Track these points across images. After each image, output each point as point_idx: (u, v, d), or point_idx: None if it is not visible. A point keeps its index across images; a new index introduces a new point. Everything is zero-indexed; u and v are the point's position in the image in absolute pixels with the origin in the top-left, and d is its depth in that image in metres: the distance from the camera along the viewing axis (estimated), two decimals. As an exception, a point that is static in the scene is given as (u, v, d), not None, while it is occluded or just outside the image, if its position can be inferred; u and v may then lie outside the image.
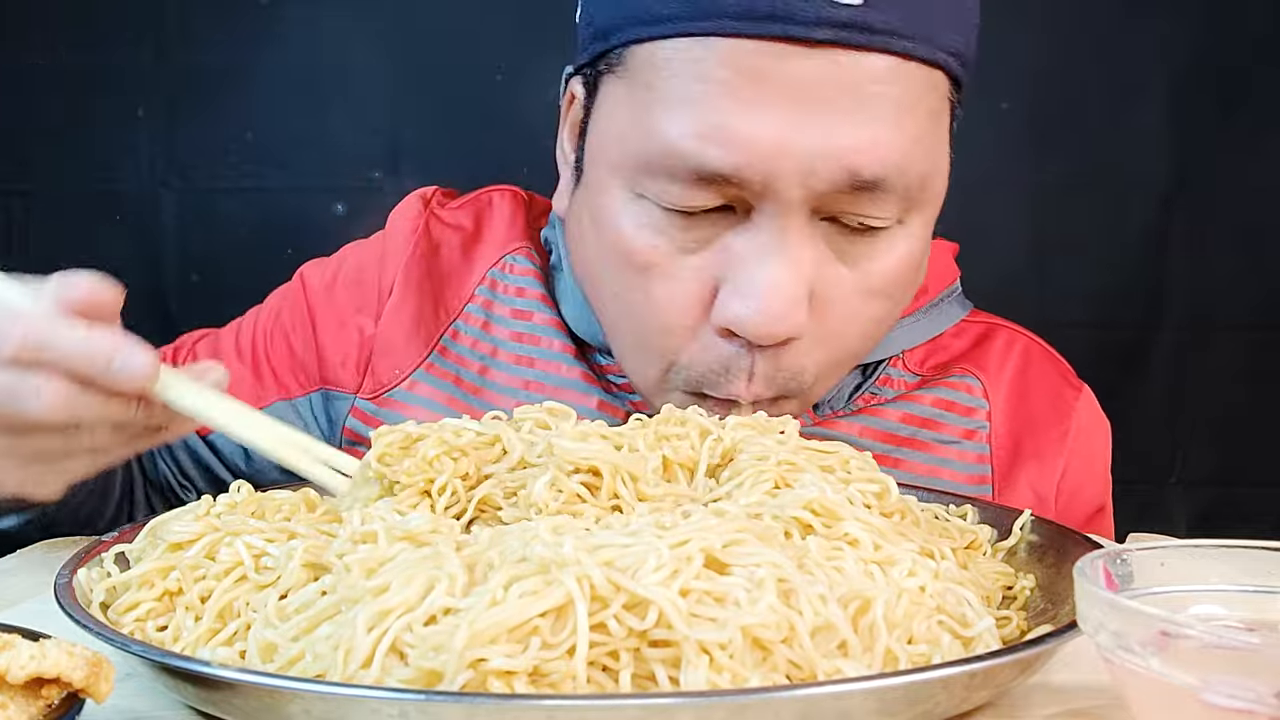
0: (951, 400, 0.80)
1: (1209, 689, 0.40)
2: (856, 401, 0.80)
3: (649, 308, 0.68)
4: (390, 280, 0.85)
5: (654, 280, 0.67)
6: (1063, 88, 1.27)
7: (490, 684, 0.42)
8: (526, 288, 0.83)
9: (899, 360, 0.81)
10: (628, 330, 0.71)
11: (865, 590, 0.49)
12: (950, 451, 0.80)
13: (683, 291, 0.67)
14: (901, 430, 0.79)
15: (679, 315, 0.68)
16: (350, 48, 1.24)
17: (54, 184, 1.23)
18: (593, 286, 0.74)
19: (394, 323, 0.84)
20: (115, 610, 0.56)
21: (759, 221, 0.65)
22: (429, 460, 0.61)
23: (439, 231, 0.86)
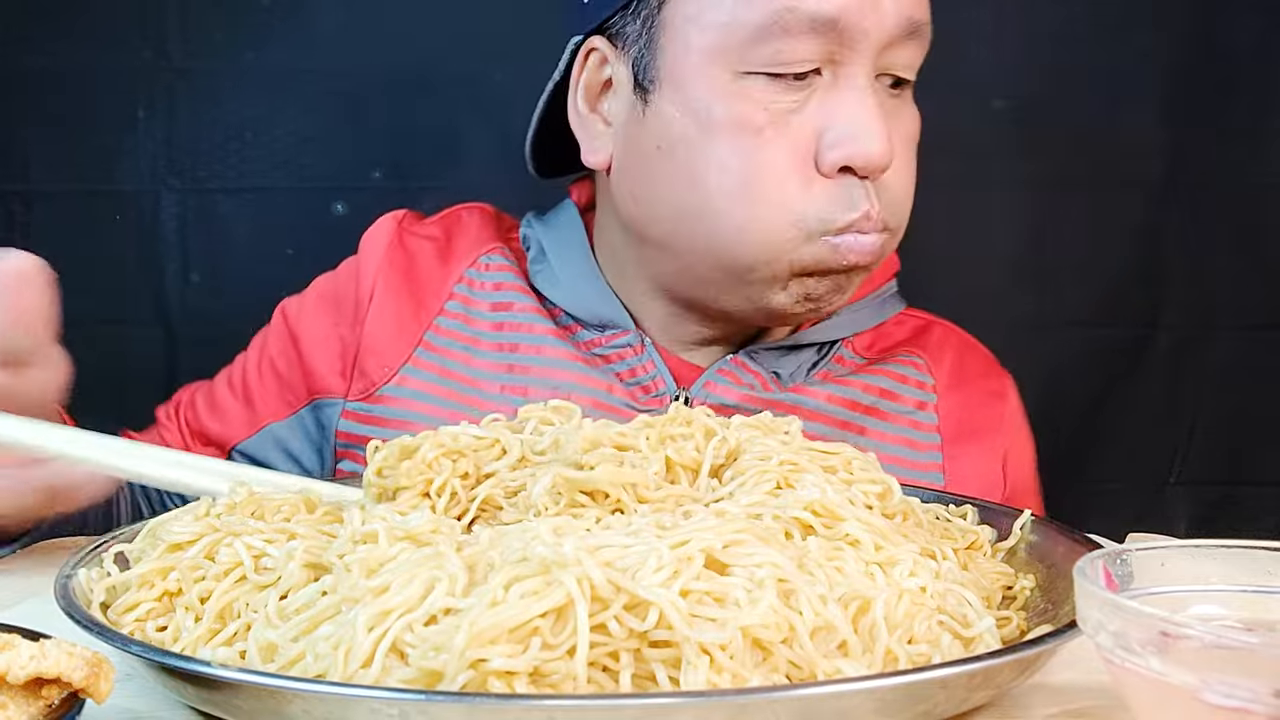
0: (903, 375, 0.90)
1: (1208, 689, 0.40)
2: (814, 377, 0.88)
3: (767, 165, 0.77)
4: (369, 289, 0.90)
5: (767, 141, 0.77)
6: (1058, 85, 1.26)
7: (490, 684, 0.42)
8: (504, 282, 0.90)
9: (849, 343, 0.90)
10: (745, 198, 0.77)
11: (865, 590, 0.49)
12: (905, 421, 0.88)
13: (793, 145, 0.77)
14: (864, 399, 0.87)
15: (796, 165, 0.77)
16: (350, 48, 1.24)
17: (54, 184, 1.23)
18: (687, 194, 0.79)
19: (378, 324, 0.89)
20: (115, 610, 0.56)
21: (843, 80, 0.77)
22: (427, 462, 0.61)
23: (412, 243, 0.92)
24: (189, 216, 1.24)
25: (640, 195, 0.83)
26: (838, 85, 0.77)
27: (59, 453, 0.64)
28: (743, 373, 0.87)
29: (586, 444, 0.60)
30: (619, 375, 0.87)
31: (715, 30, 0.77)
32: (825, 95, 0.77)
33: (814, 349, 0.89)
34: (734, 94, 0.77)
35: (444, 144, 1.23)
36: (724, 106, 0.77)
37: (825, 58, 0.76)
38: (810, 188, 0.77)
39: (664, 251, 0.84)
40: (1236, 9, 1.27)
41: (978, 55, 1.26)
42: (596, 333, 0.88)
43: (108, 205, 1.24)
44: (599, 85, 0.84)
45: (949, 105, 1.28)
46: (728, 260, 0.80)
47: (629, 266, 0.89)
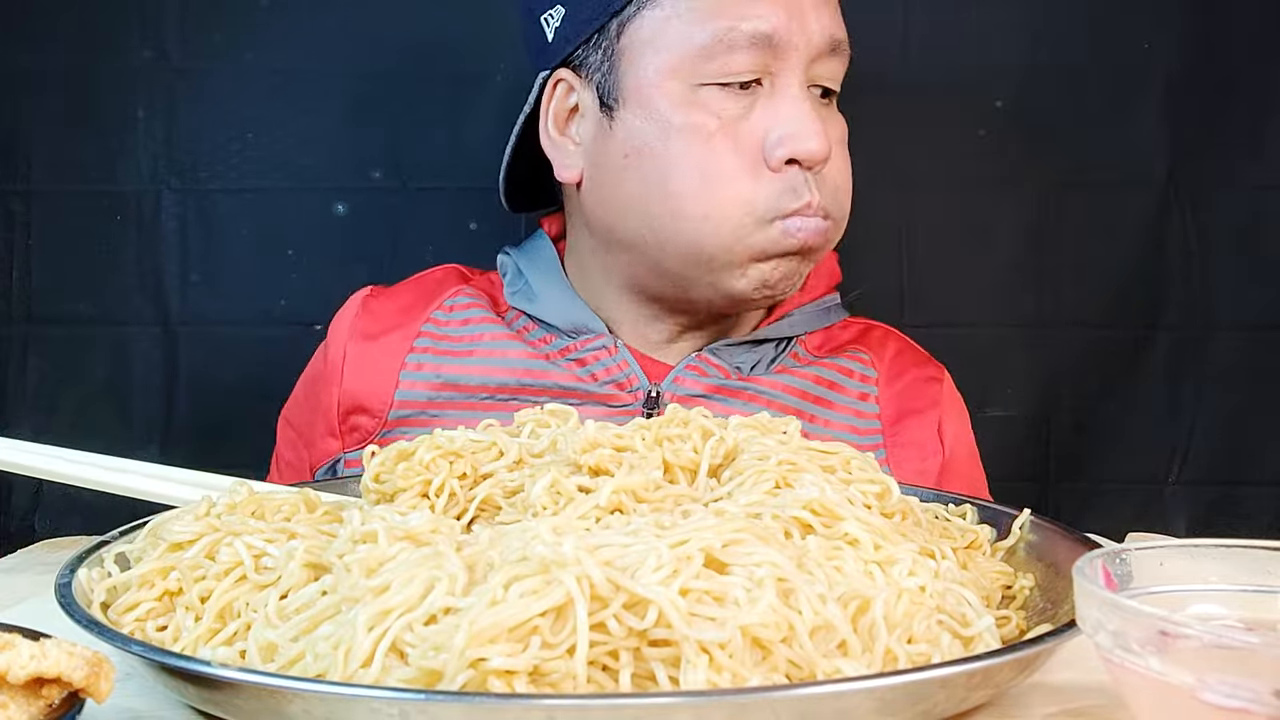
0: (849, 369, 1.00)
1: (1207, 688, 0.40)
2: (772, 370, 0.98)
3: (721, 162, 0.87)
4: (340, 354, 0.98)
5: (719, 143, 0.88)
6: (1058, 86, 1.26)
7: (490, 683, 0.42)
8: (472, 317, 0.99)
9: (802, 342, 1.01)
10: (704, 192, 0.88)
11: (865, 590, 0.49)
12: (850, 410, 0.98)
13: (742, 146, 0.88)
14: (814, 389, 0.97)
15: (746, 162, 0.87)
16: (350, 48, 1.24)
17: (54, 184, 1.23)
18: (652, 192, 0.89)
19: (355, 380, 0.97)
20: (115, 610, 0.56)
21: (780, 88, 0.88)
22: (425, 464, 0.61)
23: (376, 307, 1.01)
24: (189, 216, 1.24)
25: (610, 202, 0.93)
26: (776, 93, 0.89)
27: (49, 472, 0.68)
28: (708, 366, 0.96)
29: (585, 445, 0.60)
30: (594, 376, 0.95)
31: (669, 51, 0.88)
32: (767, 102, 0.89)
33: (771, 346, 0.99)
34: (689, 104, 0.88)
35: (444, 144, 1.23)
36: (681, 116, 0.88)
37: (763, 69, 0.88)
38: (760, 180, 0.88)
39: (633, 252, 0.93)
40: (1236, 9, 1.26)
41: (979, 55, 1.26)
42: (570, 339, 0.97)
43: (108, 205, 1.23)
44: (566, 112, 0.95)
45: (950, 105, 1.29)
46: (693, 249, 0.89)
47: (599, 276, 0.98)
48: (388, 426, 0.96)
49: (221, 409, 1.19)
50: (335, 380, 0.98)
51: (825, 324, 1.02)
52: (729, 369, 0.96)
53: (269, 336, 1.07)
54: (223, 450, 1.07)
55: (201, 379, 1.24)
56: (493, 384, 0.95)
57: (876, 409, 0.99)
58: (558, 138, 0.95)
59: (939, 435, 0.99)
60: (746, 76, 0.88)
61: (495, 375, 0.95)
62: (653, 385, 0.95)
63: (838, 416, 0.97)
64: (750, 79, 0.88)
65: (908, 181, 1.27)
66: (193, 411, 1.24)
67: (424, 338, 0.98)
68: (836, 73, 0.92)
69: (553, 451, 0.64)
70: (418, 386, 0.96)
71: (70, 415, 1.23)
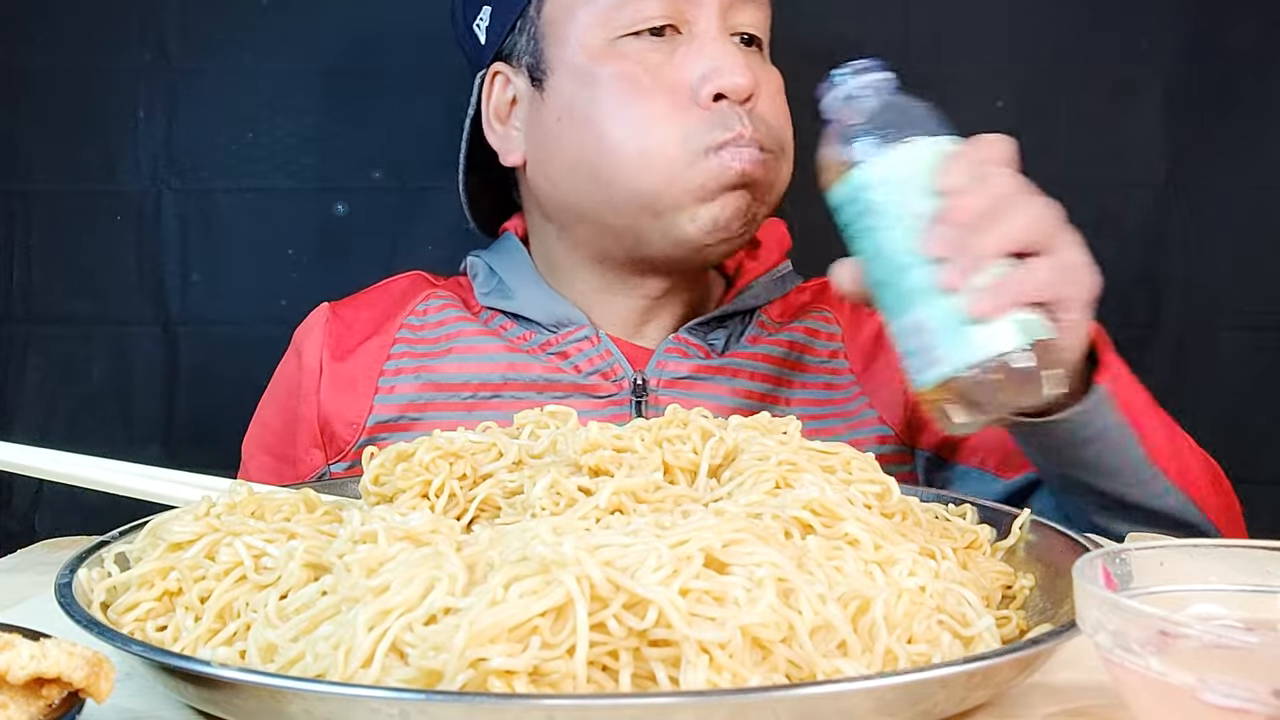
0: (814, 330, 1.02)
1: (1207, 688, 0.40)
2: (744, 342, 1.00)
3: (651, 103, 0.89)
4: (315, 364, 0.99)
5: (646, 86, 0.90)
6: (1059, 86, 1.26)
7: (490, 683, 0.42)
8: (447, 318, 1.00)
9: (765, 312, 1.02)
10: (638, 132, 0.89)
11: (865, 590, 0.49)
12: (825, 370, 1.01)
13: (669, 87, 0.90)
14: (789, 355, 1.00)
15: (676, 102, 0.89)
16: (350, 48, 1.24)
17: (54, 184, 1.23)
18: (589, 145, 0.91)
19: (332, 391, 0.98)
20: (115, 610, 0.56)
21: (699, 34, 0.91)
22: (424, 464, 0.61)
23: (347, 315, 1.02)
24: (189, 216, 1.24)
25: (554, 171, 0.95)
26: (695, 37, 0.91)
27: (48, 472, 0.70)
28: (687, 347, 0.97)
29: (586, 445, 0.60)
30: (577, 368, 0.96)
31: (584, 10, 0.92)
32: (688, 47, 0.91)
33: (737, 320, 1.01)
34: (612, 56, 0.91)
35: (444, 144, 1.23)
36: (605, 68, 0.91)
37: (677, 14, 0.91)
38: (690, 116, 0.89)
39: (586, 219, 0.95)
40: (1236, 9, 1.26)
41: (980, 56, 1.26)
42: (551, 333, 0.98)
43: (108, 205, 1.23)
44: (507, 104, 0.98)
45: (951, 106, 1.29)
46: (636, 193, 0.90)
47: (566, 263, 0.99)
48: (367, 434, 0.96)
49: (221, 409, 1.18)
50: (313, 393, 0.98)
51: (782, 292, 1.04)
52: (706, 348, 0.98)
53: (269, 336, 1.07)
54: (223, 450, 1.07)
55: (201, 379, 1.24)
56: (475, 381, 0.96)
57: (847, 364, 1.01)
58: (500, 129, 0.99)
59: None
60: (660, 21, 0.90)
61: (477, 372, 0.96)
62: (637, 372, 0.95)
63: (812, 377, 1.00)
64: (664, 24, 0.91)
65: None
66: (193, 411, 1.24)
67: (401, 344, 0.99)
68: (757, 20, 0.94)
69: (553, 452, 0.64)
70: (398, 390, 0.96)
71: (70, 415, 1.23)
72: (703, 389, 0.95)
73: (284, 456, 1.00)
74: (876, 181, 0.68)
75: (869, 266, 0.69)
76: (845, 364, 1.01)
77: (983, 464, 0.97)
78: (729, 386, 0.96)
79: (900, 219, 0.67)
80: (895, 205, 0.67)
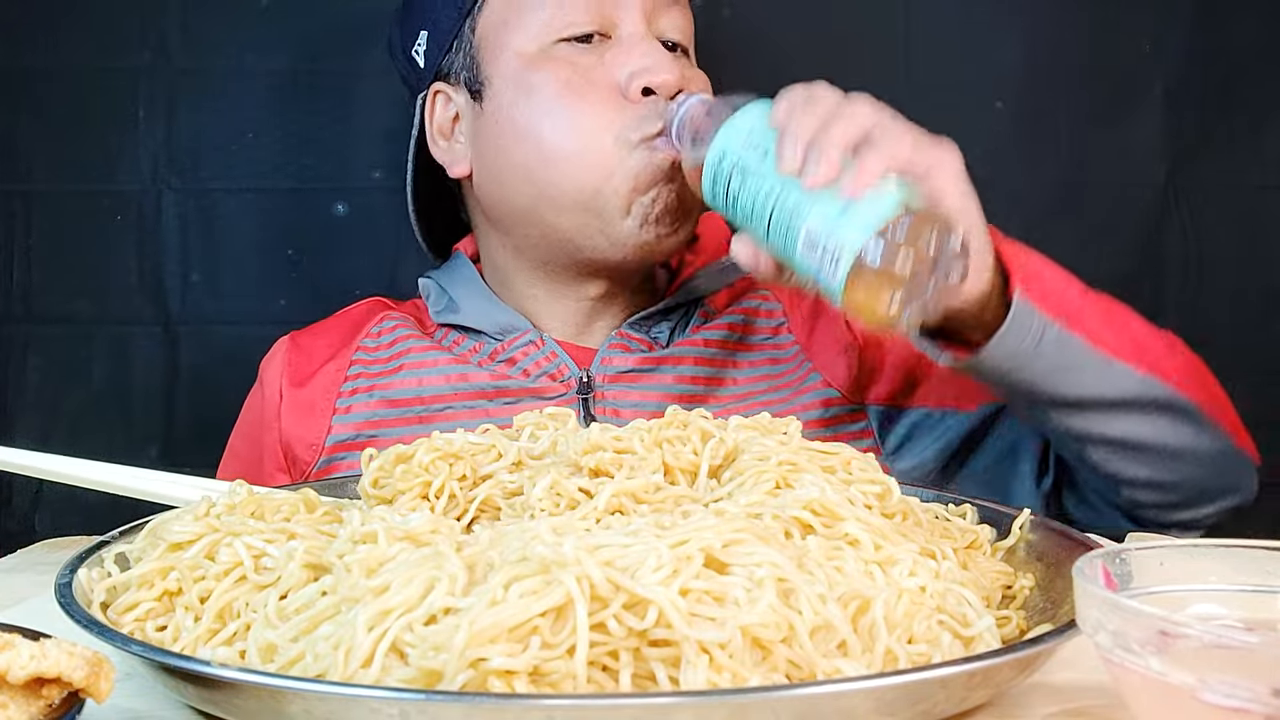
0: (755, 309, 1.04)
1: (1207, 688, 0.40)
2: (688, 332, 1.02)
3: (583, 102, 0.93)
4: (276, 392, 1.02)
5: (578, 89, 0.93)
6: (1059, 87, 1.26)
7: (490, 683, 0.42)
8: (399, 337, 1.03)
9: (709, 301, 1.04)
10: (571, 130, 0.93)
11: (865, 590, 0.49)
12: (768, 345, 1.03)
13: (600, 87, 0.93)
14: (730, 337, 1.02)
15: (606, 99, 0.93)
16: (351, 48, 1.24)
17: (54, 184, 1.23)
18: (529, 148, 0.95)
19: (292, 415, 1.01)
20: (115, 610, 0.56)
21: (626, 37, 0.95)
22: (424, 465, 0.61)
23: (306, 342, 1.05)
24: (189, 216, 1.24)
25: (498, 177, 0.98)
26: (622, 41, 0.95)
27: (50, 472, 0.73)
28: (630, 341, 0.99)
29: (587, 447, 0.60)
30: (525, 372, 0.98)
31: (515, 22, 0.96)
32: (616, 49, 0.95)
33: (680, 311, 1.03)
34: (545, 61, 0.95)
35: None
36: (539, 73, 0.94)
37: (604, 20, 0.95)
38: (623, 112, 0.92)
39: (529, 222, 0.97)
40: (1236, 10, 1.26)
41: (979, 57, 1.26)
42: (498, 341, 1.00)
43: (108, 205, 1.23)
44: (449, 121, 1.01)
45: (951, 106, 1.29)
46: (575, 190, 0.93)
47: (513, 271, 1.02)
48: (326, 454, 0.98)
49: (221, 409, 1.18)
50: (274, 419, 1.01)
51: (727, 282, 1.06)
52: (649, 341, 1.00)
53: (269, 336, 1.07)
54: (222, 450, 1.07)
55: (201, 379, 1.24)
56: (426, 394, 0.98)
57: (791, 337, 1.03)
58: (444, 144, 1.02)
59: (846, 324, 1.02)
60: (588, 27, 0.94)
61: (426, 385, 0.98)
62: (582, 370, 0.97)
63: (757, 355, 1.02)
64: (592, 30, 0.94)
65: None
66: (193, 411, 1.24)
67: (356, 365, 1.02)
68: (680, 24, 0.98)
69: (553, 454, 0.64)
70: (355, 409, 0.99)
71: (70, 415, 1.23)
72: (647, 380, 0.97)
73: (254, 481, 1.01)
74: (725, 150, 0.76)
75: (757, 228, 0.74)
76: (790, 337, 1.03)
77: (940, 402, 0.99)
78: (674, 375, 0.98)
79: (758, 163, 0.74)
80: (748, 157, 0.75)
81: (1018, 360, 0.79)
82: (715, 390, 0.99)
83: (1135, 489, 0.89)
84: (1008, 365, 0.80)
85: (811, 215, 0.70)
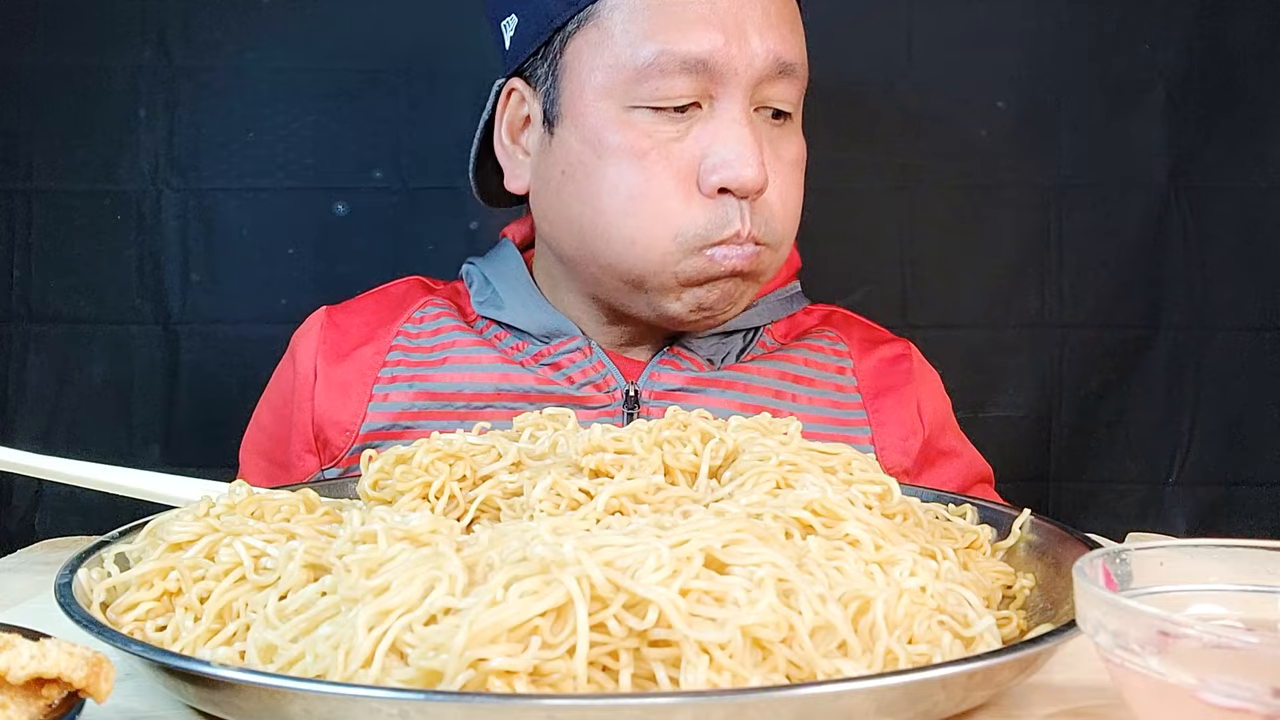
0: (821, 347, 1.01)
1: (1207, 688, 0.40)
2: (744, 359, 0.98)
3: (652, 185, 0.86)
4: (310, 370, 0.97)
5: (652, 164, 0.86)
6: (1060, 87, 1.26)
7: (490, 684, 0.42)
8: (442, 326, 0.99)
9: (769, 331, 1.01)
10: (633, 214, 0.87)
11: (865, 590, 0.49)
12: (830, 385, 0.98)
13: (675, 169, 0.86)
14: (791, 369, 0.98)
15: (678, 186, 0.86)
16: (351, 48, 1.24)
17: (54, 184, 1.23)
18: (585, 210, 0.89)
19: (326, 397, 0.96)
20: (115, 610, 0.56)
21: (719, 112, 0.87)
22: (424, 466, 0.61)
23: (343, 320, 1.01)
24: (189, 216, 1.24)
25: (550, 216, 0.94)
26: (715, 117, 0.87)
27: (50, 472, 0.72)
28: (681, 360, 0.96)
29: (588, 447, 0.60)
30: (570, 379, 0.94)
31: (605, 70, 0.87)
32: (704, 126, 0.87)
33: (740, 336, 0.99)
34: (623, 124, 0.87)
35: (444, 144, 1.23)
36: (614, 135, 0.87)
37: (701, 93, 0.86)
38: (690, 206, 0.86)
39: (575, 266, 0.94)
40: (1237, 11, 1.26)
41: (981, 58, 1.26)
42: (543, 344, 0.96)
43: (108, 205, 1.24)
44: (520, 121, 0.96)
45: (952, 106, 1.29)
46: (622, 271, 0.89)
47: (563, 282, 0.98)
48: (360, 441, 0.95)
49: (221, 409, 1.19)
50: (307, 398, 0.97)
51: (789, 312, 1.03)
52: (701, 361, 0.96)
53: (269, 336, 1.07)
54: (223, 450, 1.07)
55: (201, 379, 1.24)
56: (469, 391, 0.94)
57: (855, 382, 0.99)
58: (510, 146, 0.96)
59: (918, 414, 0.99)
60: (681, 101, 0.86)
61: (470, 382, 0.95)
62: (629, 384, 0.94)
63: (820, 393, 0.97)
64: (686, 103, 0.87)
65: (910, 182, 1.27)
66: (193, 411, 1.24)
67: (396, 351, 0.98)
68: (788, 95, 0.90)
69: (553, 454, 0.64)
70: (392, 398, 0.96)
71: (71, 415, 1.23)
72: (696, 400, 0.93)
73: (279, 461, 1.00)
74: None
75: None
76: (854, 381, 0.99)
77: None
78: (723, 399, 0.94)
79: None
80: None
81: None
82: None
83: None
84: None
85: None
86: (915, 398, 1.00)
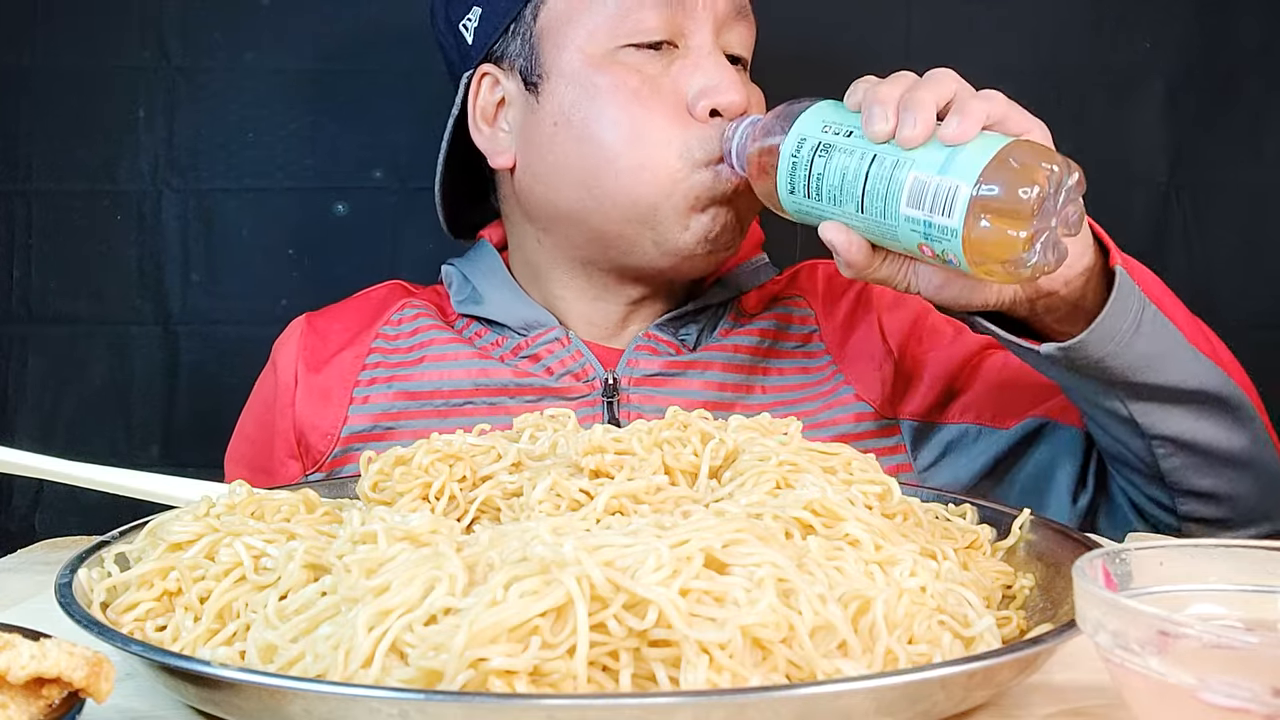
0: (788, 316, 1.04)
1: (1207, 688, 0.40)
2: (718, 335, 1.01)
3: (650, 115, 0.91)
4: (290, 377, 0.99)
5: (645, 98, 0.91)
6: (1060, 86, 1.26)
7: (490, 683, 0.42)
8: (420, 326, 1.01)
9: (739, 303, 1.03)
10: (637, 142, 0.91)
11: (865, 590, 0.49)
12: (799, 354, 1.02)
13: (666, 100, 0.91)
14: (761, 343, 1.01)
15: (672, 114, 0.91)
16: (351, 48, 1.24)
17: (54, 184, 1.23)
18: (586, 153, 0.92)
19: (307, 402, 0.98)
20: (115, 610, 0.56)
21: (694, 49, 0.93)
22: (424, 467, 0.61)
23: (322, 326, 1.03)
24: (189, 216, 1.24)
25: (546, 175, 0.95)
26: (691, 52, 0.93)
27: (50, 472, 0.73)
28: (658, 344, 0.98)
29: (588, 448, 0.60)
30: (549, 370, 0.97)
31: (585, 18, 0.93)
32: (683, 62, 0.93)
33: (710, 313, 1.01)
34: (611, 65, 0.92)
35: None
36: (605, 76, 0.92)
37: (675, 31, 0.92)
38: (688, 129, 0.91)
39: (575, 222, 0.95)
40: (1237, 9, 1.27)
41: (980, 56, 1.26)
42: (521, 336, 0.98)
43: (108, 205, 1.24)
44: (494, 105, 0.98)
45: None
46: (633, 203, 0.91)
47: (545, 266, 1.00)
48: (342, 444, 0.96)
49: (221, 409, 1.18)
50: (289, 405, 0.99)
51: (758, 283, 1.05)
52: (677, 344, 0.98)
53: (269, 336, 1.07)
54: (223, 450, 1.07)
55: (201, 379, 1.24)
56: (446, 388, 0.96)
57: (823, 346, 1.02)
58: (487, 130, 0.99)
59: (881, 335, 1.00)
60: (659, 35, 0.92)
61: (448, 380, 0.96)
62: (608, 372, 0.96)
63: (788, 362, 1.01)
64: (662, 38, 0.92)
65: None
66: (193, 411, 1.24)
67: (375, 354, 1.00)
68: (744, 39, 0.96)
69: (553, 455, 0.64)
70: (372, 400, 0.97)
71: (71, 415, 1.23)
72: (674, 385, 0.96)
73: (261, 468, 1.01)
74: (804, 135, 0.75)
75: (847, 205, 0.72)
76: (821, 345, 1.02)
77: (978, 418, 0.97)
78: (701, 380, 0.97)
79: (843, 140, 0.73)
80: (831, 138, 0.74)
81: (1117, 343, 0.78)
82: (744, 397, 0.97)
83: (1197, 501, 0.86)
84: (1106, 349, 0.78)
85: (916, 165, 0.68)
86: (875, 322, 1.01)
